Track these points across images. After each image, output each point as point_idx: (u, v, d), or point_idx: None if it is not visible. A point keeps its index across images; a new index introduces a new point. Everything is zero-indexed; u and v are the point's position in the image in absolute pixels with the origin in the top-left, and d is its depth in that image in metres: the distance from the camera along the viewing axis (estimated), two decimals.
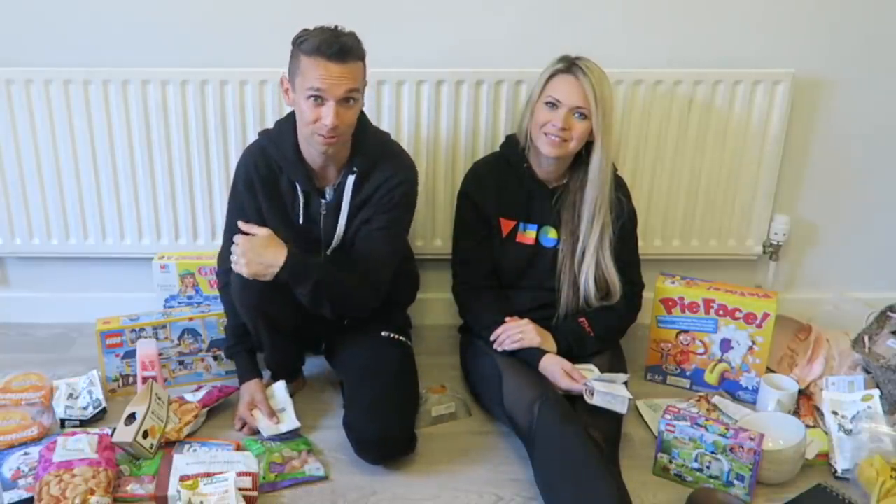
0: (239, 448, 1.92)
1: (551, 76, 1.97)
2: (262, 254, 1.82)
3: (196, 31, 2.23)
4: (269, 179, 1.97)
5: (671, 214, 2.44)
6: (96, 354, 2.17)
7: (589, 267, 2.04)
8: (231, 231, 2.02)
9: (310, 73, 1.78)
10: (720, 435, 1.80)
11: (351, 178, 1.95)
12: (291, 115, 1.94)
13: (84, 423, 2.01)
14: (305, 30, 1.82)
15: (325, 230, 2.00)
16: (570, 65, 1.95)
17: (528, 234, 2.10)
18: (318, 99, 1.79)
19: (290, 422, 1.98)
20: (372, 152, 1.96)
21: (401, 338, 2.11)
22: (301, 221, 1.99)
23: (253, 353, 2.08)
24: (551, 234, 2.09)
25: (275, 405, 2.01)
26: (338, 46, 1.76)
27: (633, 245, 2.18)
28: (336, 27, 1.81)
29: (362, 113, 1.95)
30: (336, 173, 1.98)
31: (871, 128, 2.40)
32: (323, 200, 1.98)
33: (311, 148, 1.90)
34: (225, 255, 2.03)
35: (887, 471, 1.77)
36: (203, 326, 2.22)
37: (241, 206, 2.00)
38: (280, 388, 2.05)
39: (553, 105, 1.95)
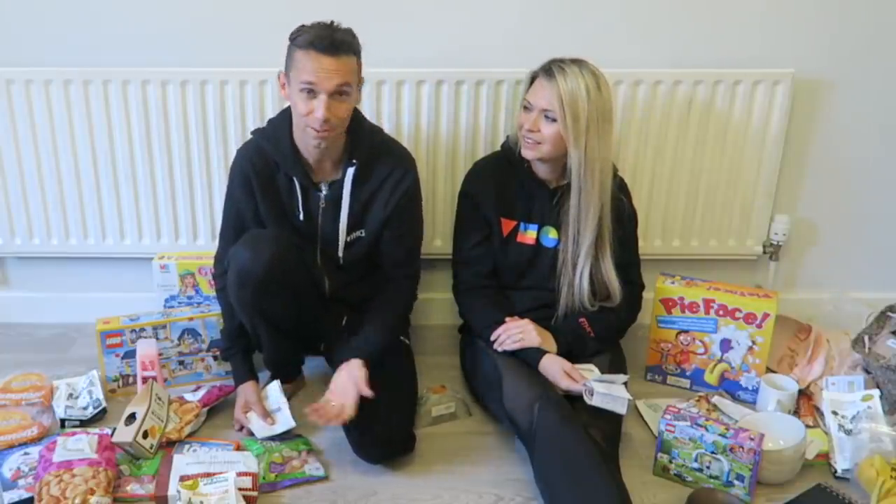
0: (239, 448, 1.92)
1: (533, 79, 1.97)
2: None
3: (196, 31, 2.23)
4: (265, 176, 1.97)
5: (671, 214, 2.44)
6: (96, 354, 2.17)
7: (589, 268, 2.04)
8: (227, 233, 2.04)
9: (303, 66, 1.79)
10: (720, 435, 1.80)
11: (350, 171, 1.96)
12: (285, 113, 1.95)
13: (84, 423, 2.01)
14: (303, 25, 1.83)
15: (323, 225, 2.00)
16: (548, 67, 1.94)
17: (529, 235, 2.10)
18: (311, 92, 1.81)
19: (284, 422, 1.97)
20: (369, 145, 1.98)
21: (399, 336, 2.11)
22: (301, 218, 1.99)
23: (248, 354, 2.08)
24: (552, 234, 2.09)
25: (269, 405, 2.01)
26: (330, 40, 1.77)
27: (633, 245, 2.18)
28: (332, 23, 1.82)
29: (356, 109, 1.96)
30: (332, 168, 1.99)
31: (871, 128, 2.40)
32: (321, 194, 1.98)
33: (306, 142, 1.91)
34: (221, 257, 2.03)
35: (887, 471, 1.77)
36: (203, 326, 2.22)
37: (237, 207, 2.00)
38: (274, 388, 2.04)
39: (527, 108, 1.96)
